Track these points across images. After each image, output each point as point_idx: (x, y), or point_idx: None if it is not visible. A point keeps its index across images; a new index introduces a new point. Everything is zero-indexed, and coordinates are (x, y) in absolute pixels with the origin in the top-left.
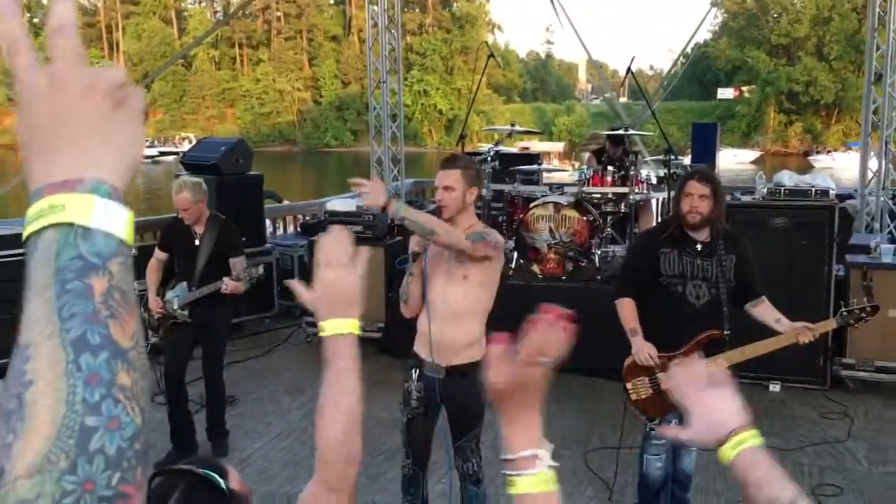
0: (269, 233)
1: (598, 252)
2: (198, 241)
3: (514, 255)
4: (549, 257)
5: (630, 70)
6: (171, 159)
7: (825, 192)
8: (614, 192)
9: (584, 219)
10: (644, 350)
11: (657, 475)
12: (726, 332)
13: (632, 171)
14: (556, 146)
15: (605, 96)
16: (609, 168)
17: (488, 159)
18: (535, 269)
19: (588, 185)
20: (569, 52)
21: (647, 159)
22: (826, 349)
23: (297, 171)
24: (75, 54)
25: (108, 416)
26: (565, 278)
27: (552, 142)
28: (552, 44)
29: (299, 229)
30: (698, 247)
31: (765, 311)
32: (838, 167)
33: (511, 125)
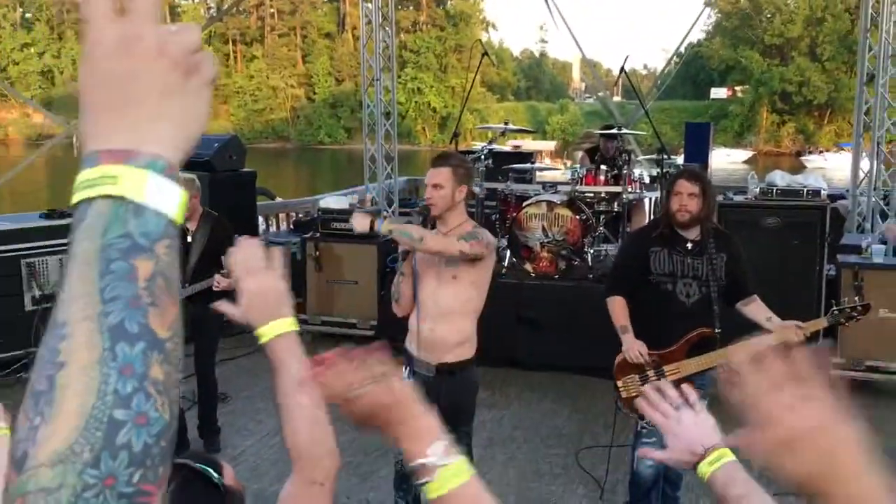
0: (262, 230)
1: (591, 251)
2: (190, 238)
3: (507, 253)
4: (541, 256)
5: (624, 69)
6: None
7: (817, 193)
8: (607, 192)
9: (577, 217)
10: (634, 348)
11: (648, 474)
12: (717, 330)
13: (625, 171)
14: (547, 145)
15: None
16: (602, 167)
17: (482, 158)
18: (528, 267)
19: (581, 183)
20: (563, 50)
21: (639, 158)
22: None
23: (290, 167)
24: (152, 10)
25: (138, 411)
26: (558, 277)
27: (544, 140)
28: (546, 42)
29: (292, 226)
30: (689, 245)
31: (756, 309)
32: (830, 167)
33: (505, 123)
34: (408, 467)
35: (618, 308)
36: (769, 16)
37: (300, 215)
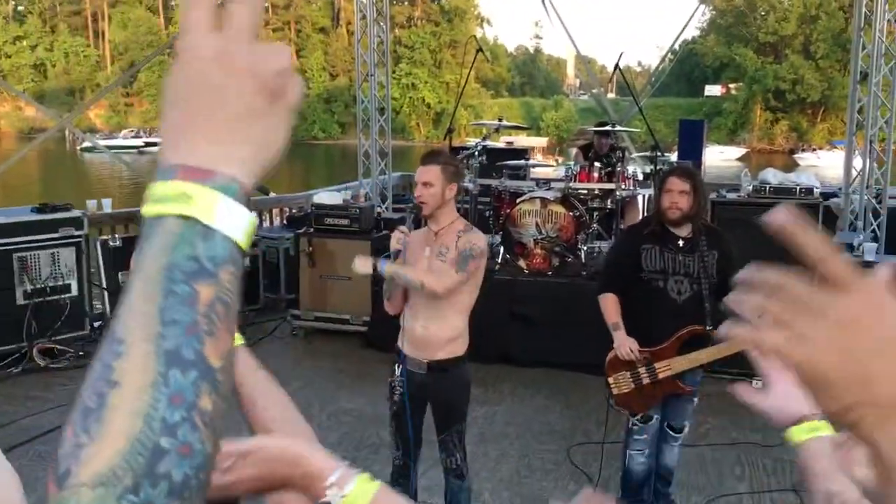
0: (256, 225)
1: (585, 248)
2: None
3: (501, 249)
4: (535, 252)
5: (618, 66)
6: (157, 150)
7: (810, 190)
8: (601, 189)
9: (571, 214)
10: (626, 345)
11: (640, 470)
12: (708, 327)
13: (618, 168)
14: (540, 141)
15: (592, 92)
16: (596, 164)
17: (476, 154)
18: (522, 264)
19: (575, 180)
20: (557, 47)
21: (633, 155)
22: None
23: (284, 162)
24: (250, 26)
25: (182, 441)
26: (551, 273)
27: (537, 137)
28: (541, 39)
29: (286, 221)
30: (680, 242)
31: None
32: (823, 165)
33: (499, 120)
34: None
35: (610, 305)
36: (763, 13)
37: (294, 210)
